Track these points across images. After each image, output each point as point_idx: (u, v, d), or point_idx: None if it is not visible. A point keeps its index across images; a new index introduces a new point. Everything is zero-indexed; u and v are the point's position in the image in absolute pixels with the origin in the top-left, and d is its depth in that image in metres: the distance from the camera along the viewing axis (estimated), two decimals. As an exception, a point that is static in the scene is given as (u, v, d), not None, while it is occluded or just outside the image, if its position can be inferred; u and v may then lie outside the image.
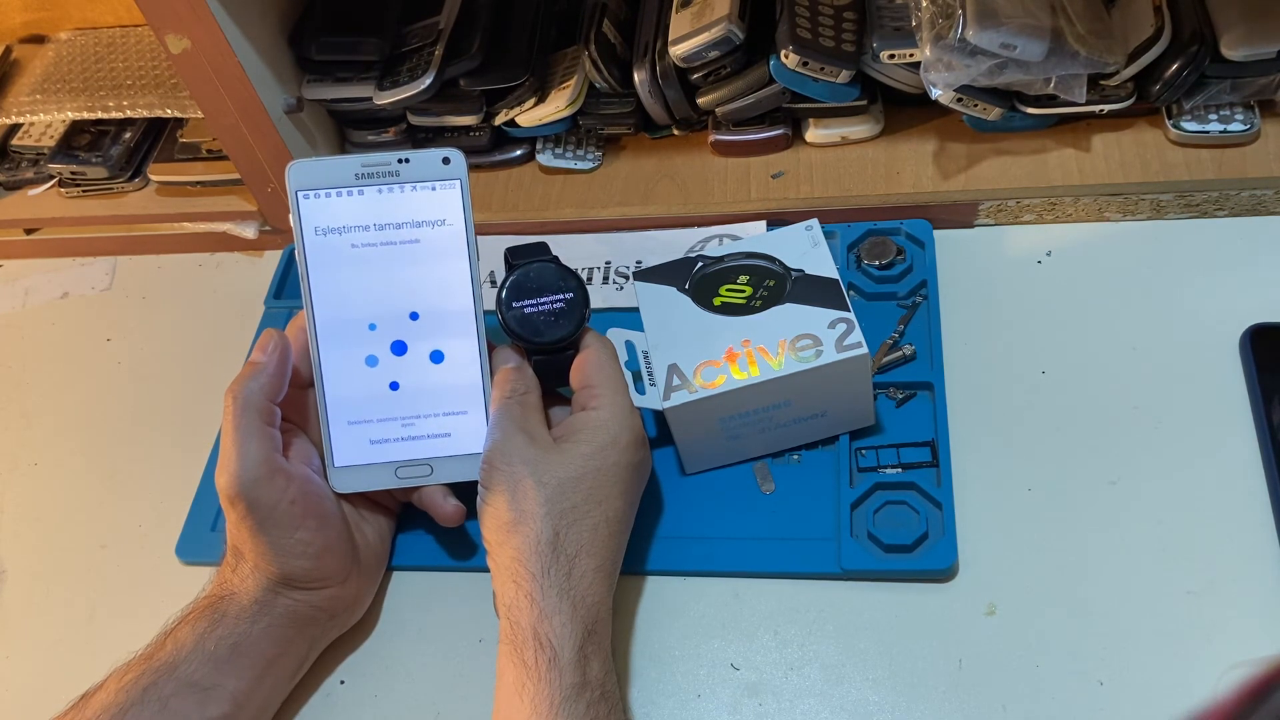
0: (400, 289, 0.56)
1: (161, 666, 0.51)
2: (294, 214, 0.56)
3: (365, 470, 0.57)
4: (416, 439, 0.57)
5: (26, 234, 0.84)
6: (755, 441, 0.60)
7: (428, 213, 0.56)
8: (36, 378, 0.77)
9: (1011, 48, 0.61)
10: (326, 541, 0.55)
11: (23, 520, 0.69)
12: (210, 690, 0.51)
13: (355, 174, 0.56)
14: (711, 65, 0.68)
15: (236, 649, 0.52)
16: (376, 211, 0.56)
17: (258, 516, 0.52)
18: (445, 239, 0.56)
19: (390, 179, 0.56)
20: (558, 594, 0.49)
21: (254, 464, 0.52)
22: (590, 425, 0.54)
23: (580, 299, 0.56)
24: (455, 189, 0.56)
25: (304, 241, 0.56)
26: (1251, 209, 0.66)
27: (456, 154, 0.56)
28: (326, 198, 0.56)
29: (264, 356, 0.55)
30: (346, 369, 0.57)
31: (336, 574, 0.56)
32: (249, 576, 0.54)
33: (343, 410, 0.57)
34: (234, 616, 0.53)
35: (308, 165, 0.56)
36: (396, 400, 0.57)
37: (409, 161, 0.56)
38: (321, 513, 0.55)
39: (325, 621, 0.56)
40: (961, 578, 0.55)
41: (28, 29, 0.89)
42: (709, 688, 0.54)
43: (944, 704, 0.52)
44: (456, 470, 0.57)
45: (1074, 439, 0.59)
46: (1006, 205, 0.68)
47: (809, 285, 0.58)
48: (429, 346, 0.57)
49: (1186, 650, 0.51)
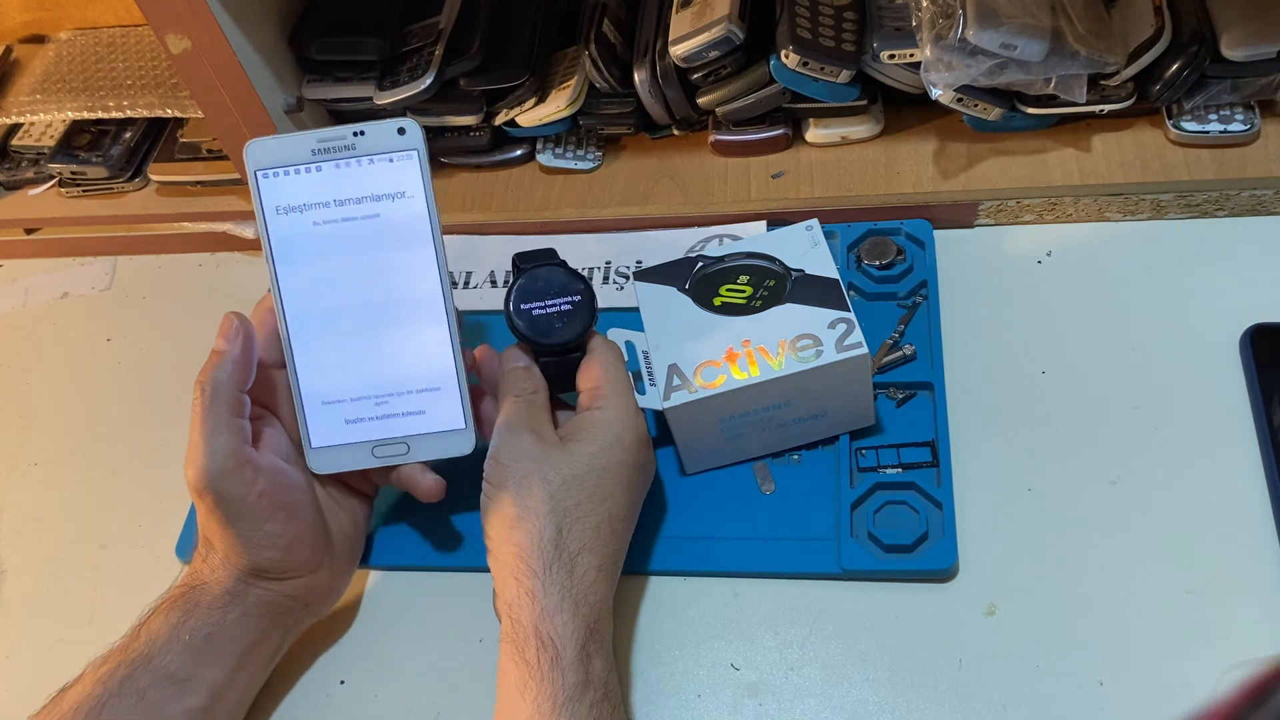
0: (365, 265, 0.56)
1: (137, 658, 0.51)
2: (254, 194, 0.55)
3: (342, 450, 0.56)
4: (391, 417, 0.56)
5: (26, 234, 0.84)
6: (755, 441, 0.60)
7: (387, 185, 0.55)
8: (36, 378, 0.77)
9: (1011, 48, 0.61)
10: (296, 532, 0.55)
11: (23, 520, 0.69)
12: (187, 681, 0.52)
13: (312, 150, 0.55)
14: (711, 65, 0.68)
15: (211, 639, 0.53)
16: (335, 187, 0.55)
17: (226, 509, 0.52)
18: (407, 212, 0.55)
19: (346, 153, 0.55)
20: (559, 592, 0.49)
21: (221, 457, 0.52)
22: (595, 424, 0.54)
23: (588, 302, 0.56)
24: (413, 159, 0.55)
25: (266, 222, 0.55)
26: (1251, 209, 0.66)
27: (411, 124, 0.55)
28: (285, 176, 0.55)
29: (227, 344, 0.54)
30: (317, 349, 0.56)
31: (307, 564, 0.56)
32: (219, 567, 0.54)
33: (316, 391, 0.56)
34: (206, 606, 0.53)
35: (265, 144, 0.55)
36: (369, 378, 0.56)
37: (364, 134, 0.55)
38: (291, 504, 0.55)
39: (300, 610, 0.56)
40: (961, 578, 0.55)
41: (28, 29, 0.89)
42: (709, 688, 0.54)
43: (944, 704, 0.52)
44: (433, 448, 0.56)
45: (1074, 439, 0.59)
46: (1006, 205, 0.68)
47: (809, 285, 0.58)
48: (398, 321, 0.56)
49: (1186, 650, 0.51)
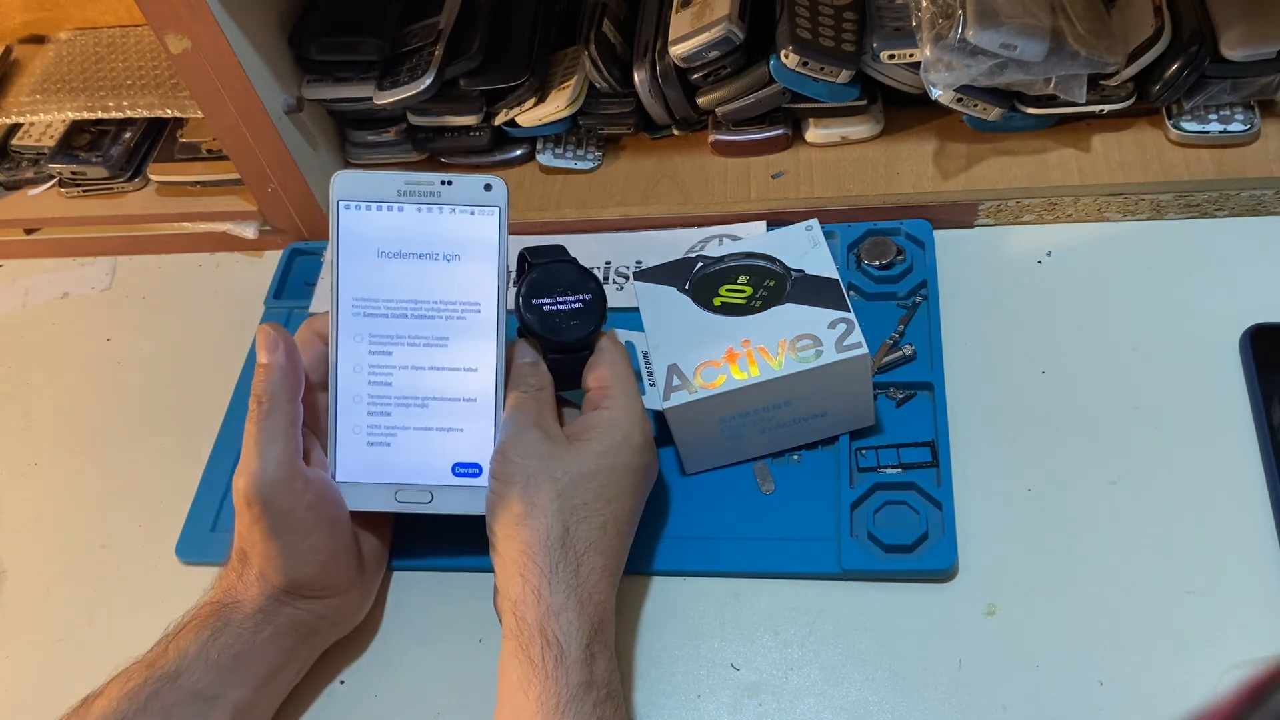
0: (427, 307, 0.56)
1: (164, 675, 0.51)
2: (333, 223, 0.56)
3: (366, 489, 0.56)
4: (421, 464, 0.56)
5: (26, 234, 0.84)
6: (755, 441, 0.60)
7: (464, 236, 0.56)
8: (36, 378, 0.77)
9: (1011, 48, 0.61)
10: (335, 549, 0.54)
11: (23, 520, 0.69)
12: (212, 700, 0.51)
13: (398, 190, 0.56)
14: (711, 65, 0.68)
15: (240, 658, 0.52)
16: (414, 229, 0.56)
17: (272, 520, 0.52)
18: (477, 264, 0.56)
19: (431, 199, 0.56)
20: (565, 590, 0.49)
21: (274, 466, 0.51)
22: (603, 424, 0.54)
23: (599, 301, 0.56)
24: (494, 216, 0.56)
25: (339, 251, 0.56)
26: (1251, 209, 0.66)
27: (498, 182, 0.56)
28: (367, 210, 0.56)
29: (271, 356, 0.54)
30: (361, 385, 0.56)
31: (341, 582, 0.55)
32: (254, 583, 0.53)
33: (351, 423, 0.56)
34: (237, 625, 0.53)
35: (352, 177, 0.56)
36: (407, 422, 0.56)
37: (451, 184, 0.56)
38: (334, 520, 0.55)
39: (328, 630, 0.56)
40: (961, 578, 0.55)
41: (28, 29, 0.89)
42: (709, 688, 0.54)
43: (944, 704, 0.52)
44: (457, 501, 0.56)
45: (1074, 439, 0.59)
46: (1006, 205, 0.68)
47: (809, 285, 0.58)
48: (446, 370, 0.56)
49: (1186, 650, 0.51)
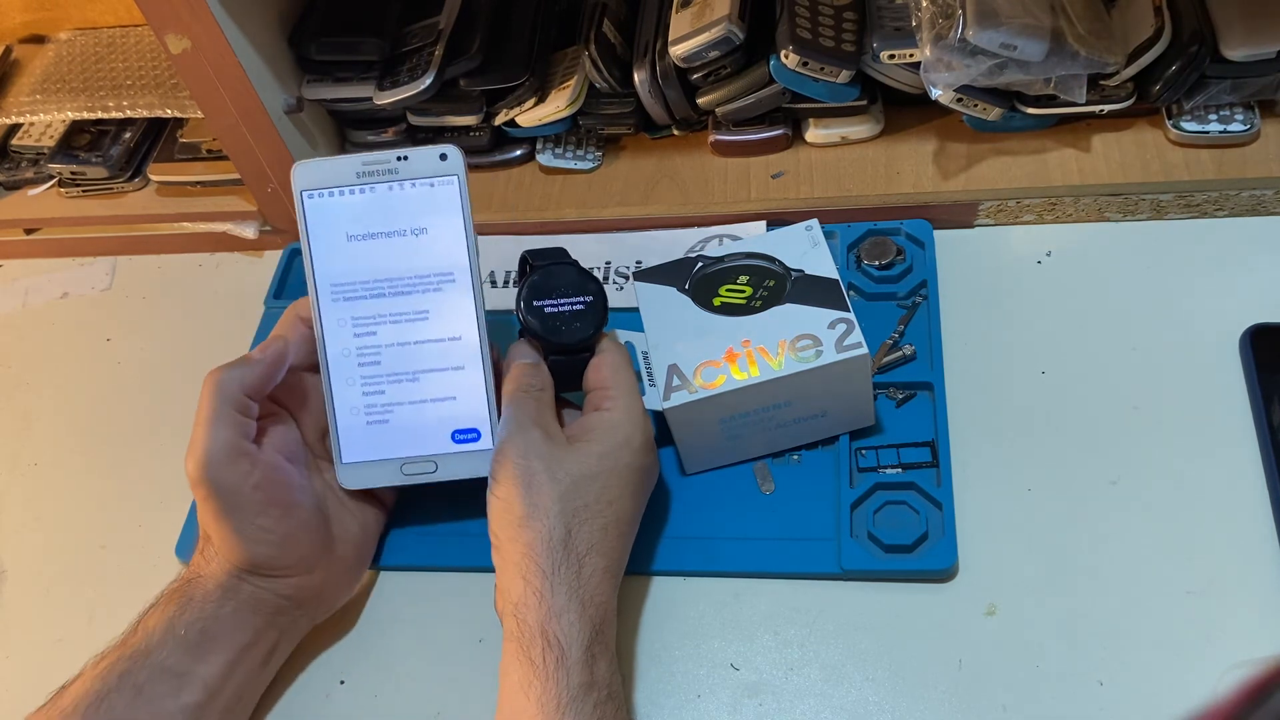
0: (403, 284, 0.57)
1: (135, 653, 0.52)
2: (299, 214, 0.57)
3: (372, 466, 0.58)
4: (422, 435, 0.57)
5: (26, 234, 0.84)
6: (755, 441, 0.60)
7: (427, 208, 0.57)
8: (36, 378, 0.77)
9: (1011, 48, 0.61)
10: (289, 530, 0.55)
11: (23, 520, 0.69)
12: (184, 676, 0.52)
13: (357, 172, 0.57)
14: (711, 65, 0.68)
15: (205, 634, 0.53)
16: (378, 208, 0.57)
17: (220, 500, 0.53)
18: (445, 234, 0.57)
19: (390, 176, 0.57)
20: (567, 592, 0.49)
21: (219, 448, 0.52)
22: (604, 425, 0.54)
23: (600, 302, 0.56)
24: (453, 184, 0.57)
25: (309, 240, 0.57)
26: (1251, 209, 0.66)
27: (454, 150, 0.57)
28: (330, 196, 0.57)
29: (259, 355, 0.55)
30: (352, 366, 0.57)
31: (301, 563, 0.56)
32: (214, 560, 0.54)
33: (349, 406, 0.57)
34: (200, 600, 0.53)
35: (311, 165, 0.58)
36: (402, 396, 0.57)
37: (407, 159, 0.57)
38: (287, 501, 0.55)
39: (293, 610, 0.56)
40: (961, 578, 0.55)
41: (28, 29, 0.89)
42: (709, 688, 0.54)
43: (944, 704, 0.52)
44: (461, 467, 0.57)
45: (1074, 439, 0.59)
46: (1006, 205, 0.68)
47: (809, 285, 0.58)
48: (431, 340, 0.57)
49: (1186, 650, 0.51)
